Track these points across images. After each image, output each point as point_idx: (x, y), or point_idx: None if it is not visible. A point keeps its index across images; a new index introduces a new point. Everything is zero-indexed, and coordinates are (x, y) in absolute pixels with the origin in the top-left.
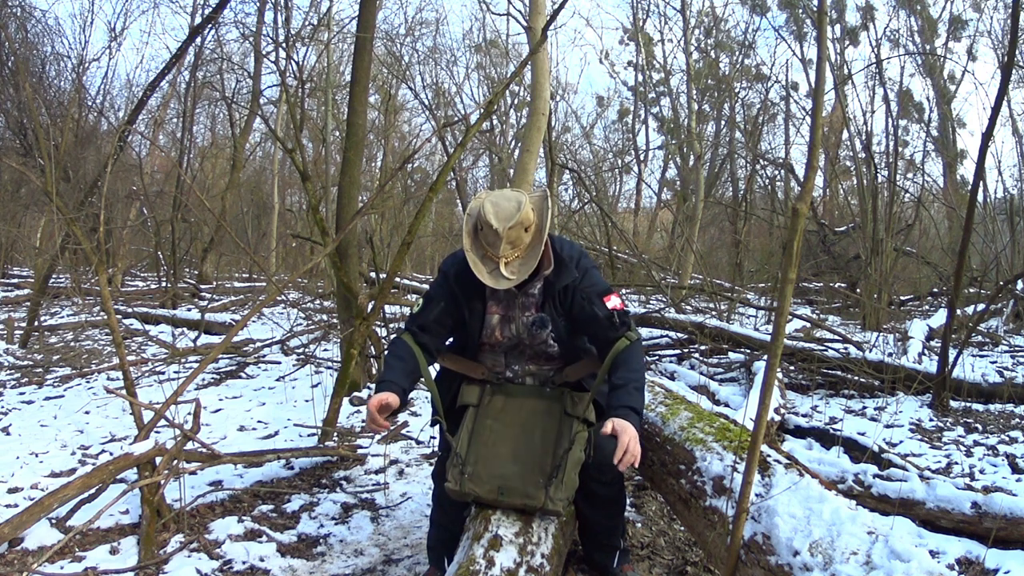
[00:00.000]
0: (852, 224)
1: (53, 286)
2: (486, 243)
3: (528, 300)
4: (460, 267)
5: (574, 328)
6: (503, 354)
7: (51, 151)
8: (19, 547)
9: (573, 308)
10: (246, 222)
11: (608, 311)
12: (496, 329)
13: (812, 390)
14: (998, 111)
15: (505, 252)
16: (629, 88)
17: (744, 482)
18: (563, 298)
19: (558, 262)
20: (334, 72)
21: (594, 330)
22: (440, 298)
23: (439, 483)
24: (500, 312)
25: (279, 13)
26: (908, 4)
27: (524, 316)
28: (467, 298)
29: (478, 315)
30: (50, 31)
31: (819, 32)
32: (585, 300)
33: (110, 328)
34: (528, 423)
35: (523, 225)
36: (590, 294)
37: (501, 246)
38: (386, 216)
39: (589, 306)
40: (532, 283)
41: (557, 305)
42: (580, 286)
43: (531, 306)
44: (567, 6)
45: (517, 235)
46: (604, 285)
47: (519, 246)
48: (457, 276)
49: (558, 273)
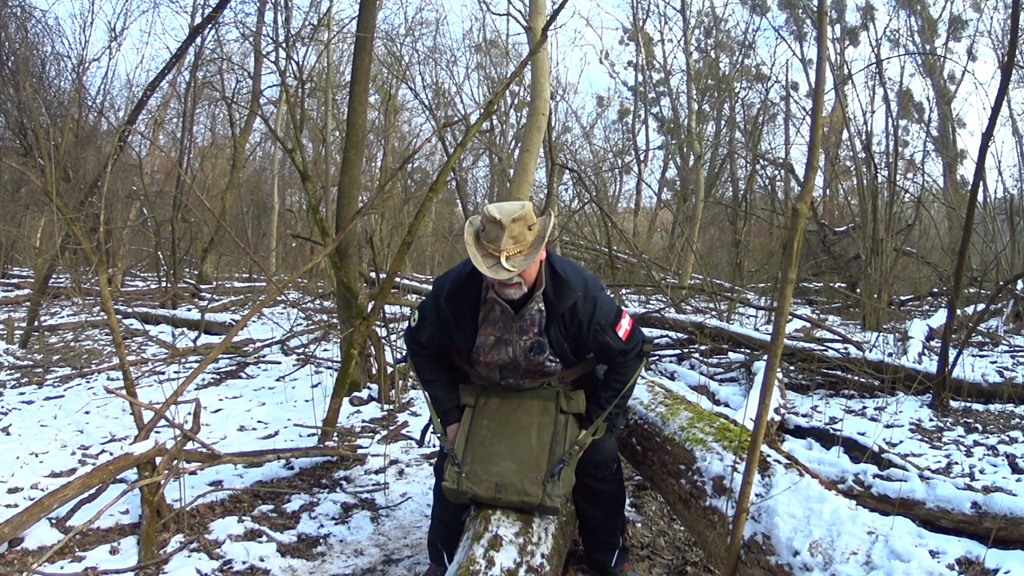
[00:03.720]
0: (852, 224)
1: (53, 286)
2: (488, 241)
3: (525, 324)
4: (452, 288)
5: (580, 350)
6: (498, 369)
7: (51, 151)
8: (19, 547)
9: (583, 339)
10: (246, 222)
11: (623, 344)
12: (490, 351)
13: (812, 390)
14: (998, 111)
15: (507, 246)
16: (629, 88)
17: (744, 482)
18: (569, 323)
19: (557, 281)
20: (334, 72)
21: (607, 357)
22: (431, 321)
23: (440, 478)
24: (496, 334)
25: (279, 13)
26: (908, 4)
27: (522, 340)
28: (456, 320)
29: (468, 336)
30: (50, 31)
31: (819, 32)
32: (599, 332)
33: (110, 328)
34: (524, 422)
35: (526, 222)
36: (604, 326)
37: (504, 239)
38: (386, 216)
39: (603, 337)
40: (530, 304)
41: (562, 329)
42: (593, 320)
43: (529, 329)
44: (567, 6)
45: (520, 231)
46: (614, 312)
47: (521, 242)
48: (449, 298)
49: (559, 293)
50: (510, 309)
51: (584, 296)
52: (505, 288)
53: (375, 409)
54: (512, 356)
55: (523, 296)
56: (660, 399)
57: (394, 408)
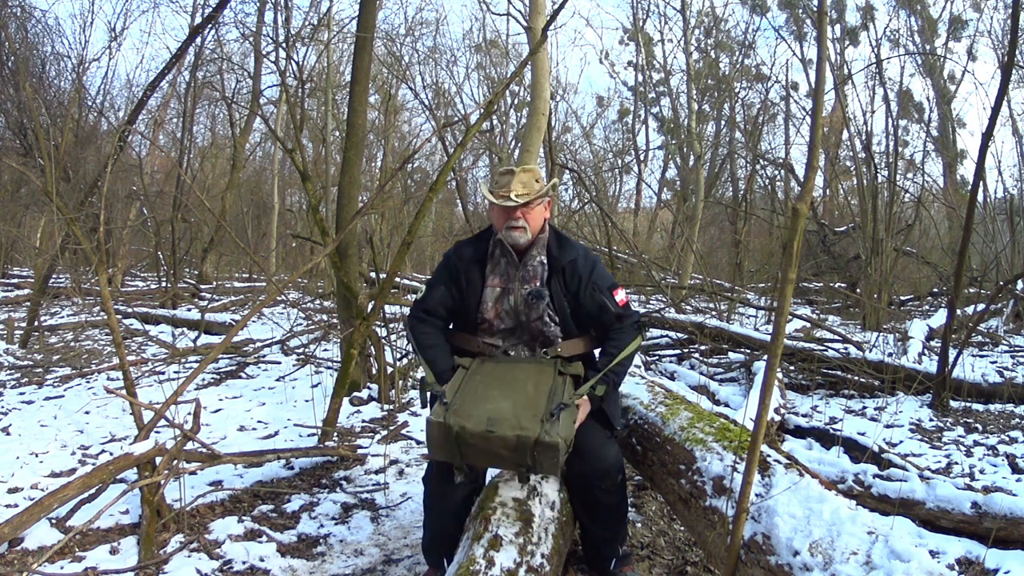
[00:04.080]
0: (852, 224)
1: (53, 286)
2: (499, 187)
3: (528, 273)
4: (462, 244)
5: (579, 313)
6: (500, 338)
7: (51, 151)
8: (19, 547)
9: (582, 297)
10: (246, 222)
11: (620, 309)
12: (495, 302)
13: (812, 390)
14: (998, 111)
15: (516, 187)
16: (629, 88)
17: (744, 482)
18: (569, 279)
19: (560, 238)
20: (334, 72)
21: (602, 320)
22: (440, 281)
23: (429, 487)
24: (500, 285)
25: (279, 13)
26: (908, 4)
27: (522, 289)
28: (467, 271)
29: (476, 287)
30: (50, 31)
31: (819, 32)
32: (596, 291)
33: (110, 328)
34: (520, 378)
35: (534, 176)
36: (601, 287)
37: (513, 183)
38: (386, 216)
39: (600, 296)
40: (532, 253)
41: (562, 283)
42: (591, 279)
43: (531, 279)
44: (567, 6)
45: (528, 179)
46: (611, 280)
47: (529, 188)
48: (459, 252)
49: (561, 247)
50: (514, 256)
51: (584, 256)
52: (512, 231)
53: (375, 409)
54: (513, 305)
55: (527, 245)
56: (660, 399)
57: (394, 408)
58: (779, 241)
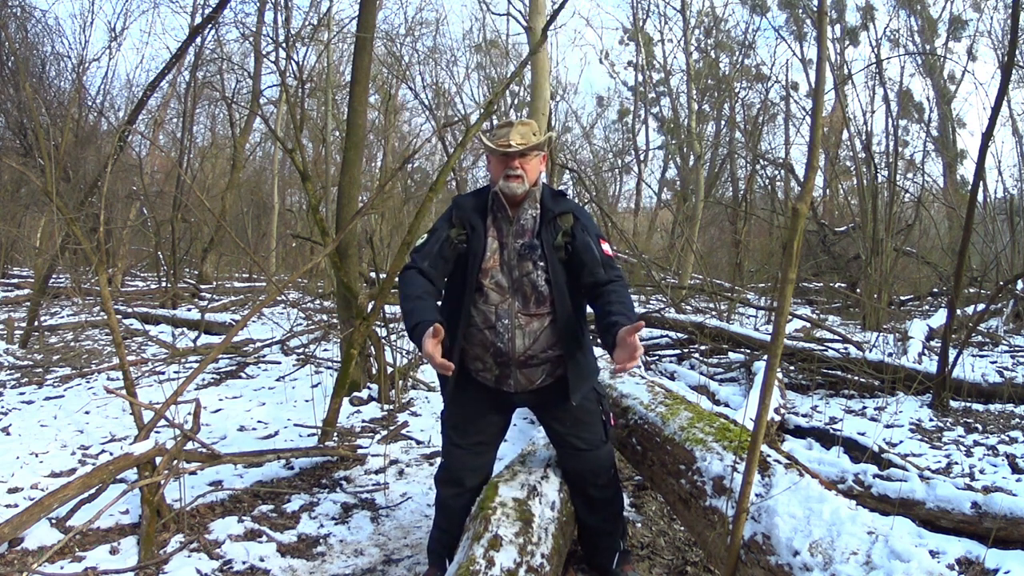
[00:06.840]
0: (852, 224)
1: (53, 286)
2: (498, 137)
3: (521, 228)
4: (464, 196)
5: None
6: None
7: (51, 151)
8: (19, 547)
9: (575, 237)
10: (246, 222)
11: (604, 255)
12: (491, 256)
13: (812, 390)
14: (998, 111)
15: (514, 138)
16: (629, 88)
17: (744, 482)
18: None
19: (555, 192)
20: (334, 72)
21: (589, 266)
22: (443, 228)
23: (441, 487)
24: (499, 239)
25: (279, 13)
26: (908, 4)
27: (516, 243)
28: (470, 218)
29: (480, 234)
30: (50, 31)
31: (819, 32)
32: (587, 234)
33: (110, 328)
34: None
35: (531, 129)
36: (591, 232)
37: (512, 133)
38: (386, 216)
39: (588, 239)
40: (524, 206)
41: (552, 231)
42: (581, 220)
43: (524, 234)
44: (567, 6)
45: (526, 131)
46: (599, 231)
47: (527, 138)
48: (461, 203)
49: (555, 199)
50: (507, 211)
51: (577, 209)
52: (510, 180)
53: (375, 409)
54: (507, 260)
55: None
56: (660, 399)
57: (394, 408)
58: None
